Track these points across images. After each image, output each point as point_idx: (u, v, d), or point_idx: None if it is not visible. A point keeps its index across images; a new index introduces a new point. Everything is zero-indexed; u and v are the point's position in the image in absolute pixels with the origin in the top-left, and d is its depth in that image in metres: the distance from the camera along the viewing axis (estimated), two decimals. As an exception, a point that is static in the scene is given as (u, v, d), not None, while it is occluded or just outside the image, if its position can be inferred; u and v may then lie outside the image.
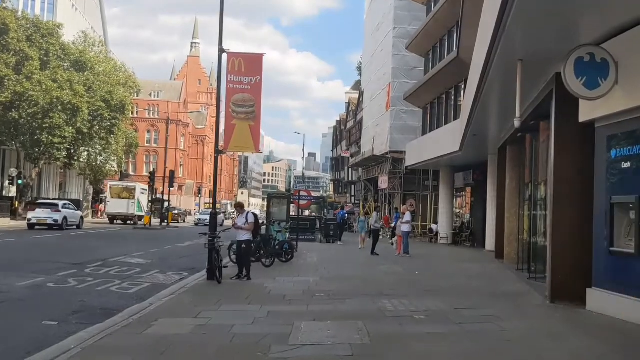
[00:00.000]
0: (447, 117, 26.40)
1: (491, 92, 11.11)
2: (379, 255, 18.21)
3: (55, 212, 27.02)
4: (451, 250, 22.73)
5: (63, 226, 26.76)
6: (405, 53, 33.98)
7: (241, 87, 11.25)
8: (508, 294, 9.96)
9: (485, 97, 11.70)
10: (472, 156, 22.91)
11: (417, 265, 15.21)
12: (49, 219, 26.29)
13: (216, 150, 11.23)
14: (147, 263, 14.78)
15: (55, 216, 26.62)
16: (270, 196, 22.74)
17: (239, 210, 11.42)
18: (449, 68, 23.71)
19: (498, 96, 11.58)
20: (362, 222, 22.52)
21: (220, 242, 11.12)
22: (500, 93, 11.21)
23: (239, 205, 11.35)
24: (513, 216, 15.61)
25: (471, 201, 28.16)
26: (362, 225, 22.25)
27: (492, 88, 10.74)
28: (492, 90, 10.92)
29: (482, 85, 11.08)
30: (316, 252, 19.22)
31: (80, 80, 38.53)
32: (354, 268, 14.28)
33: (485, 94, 11.30)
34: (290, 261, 15.20)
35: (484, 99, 11.87)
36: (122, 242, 22.41)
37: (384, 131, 35.52)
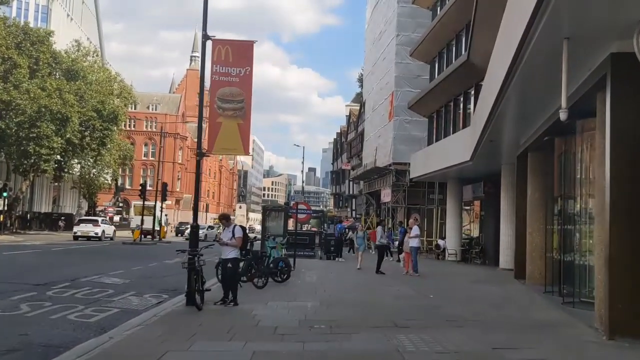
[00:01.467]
0: (456, 126, 24.83)
1: (523, 84, 9.50)
2: (385, 274, 16.49)
3: (96, 226, 33.59)
4: (462, 269, 20.97)
5: (102, 237, 32.76)
6: (408, 61, 32.57)
7: (228, 79, 9.65)
8: (547, 325, 8.25)
9: (514, 92, 10.10)
10: (483, 167, 21.29)
11: (429, 287, 13.48)
12: (90, 232, 32.55)
13: (199, 153, 9.59)
14: (124, 283, 13.05)
15: (96, 229, 32.95)
16: (267, 209, 20.96)
17: (223, 223, 9.73)
18: (458, 73, 22.20)
19: (530, 89, 9.99)
20: (361, 238, 20.04)
21: (201, 261, 9.42)
22: (534, 85, 9.62)
23: (224, 218, 9.67)
24: (536, 231, 13.91)
25: (481, 215, 26.46)
26: (362, 241, 19.82)
27: (525, 79, 9.14)
28: (524, 81, 9.31)
29: (510, 78, 9.48)
30: (315, 271, 17.49)
31: (71, 89, 37.13)
32: (358, 290, 12.55)
33: (514, 87, 9.70)
34: (286, 281, 13.47)
35: (511, 94, 10.27)
36: (105, 258, 20.69)
37: (387, 142, 33.95)
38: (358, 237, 20.04)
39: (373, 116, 39.19)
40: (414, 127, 32.68)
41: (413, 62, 32.45)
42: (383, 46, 35.90)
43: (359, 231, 20.34)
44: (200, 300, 9.34)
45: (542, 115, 11.26)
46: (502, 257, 20.11)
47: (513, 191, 19.72)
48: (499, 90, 10.94)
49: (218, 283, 11.52)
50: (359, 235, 20.04)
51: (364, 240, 19.74)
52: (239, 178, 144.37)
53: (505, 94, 10.56)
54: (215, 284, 11.37)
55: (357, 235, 19.99)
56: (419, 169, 28.02)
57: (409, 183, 32.57)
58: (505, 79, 9.83)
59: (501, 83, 10.25)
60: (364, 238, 19.69)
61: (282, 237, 17.99)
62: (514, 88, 9.82)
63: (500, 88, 10.52)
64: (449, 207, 26.73)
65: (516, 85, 9.63)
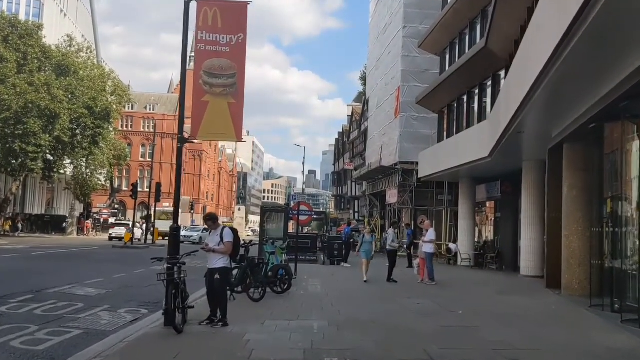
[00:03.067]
0: (470, 121, 23.04)
1: (582, 54, 7.71)
2: (398, 283, 14.68)
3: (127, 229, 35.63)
4: (479, 275, 19.14)
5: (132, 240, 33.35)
6: (416, 54, 30.79)
7: (217, 48, 7.86)
8: (625, 356, 6.44)
9: (567, 67, 8.29)
10: (501, 164, 19.48)
11: (452, 298, 11.66)
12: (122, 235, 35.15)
13: (180, 139, 7.79)
14: (99, 295, 11.25)
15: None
16: (265, 209, 19.07)
17: (209, 225, 7.92)
18: (473, 62, 20.41)
19: (585, 62, 8.19)
20: (369, 242, 15.39)
21: (183, 272, 7.62)
22: (590, 56, 7.82)
23: (210, 218, 7.85)
24: (575, 234, 12.10)
25: (496, 217, 24.63)
26: (369, 247, 15.22)
27: (583, 50, 7.35)
28: (584, 51, 7.52)
29: (562, 48, 7.71)
30: (319, 278, 15.67)
31: (61, 84, 35.32)
32: (372, 304, 10.72)
33: (569, 60, 7.91)
34: (287, 292, 11.67)
35: (562, 70, 8.46)
36: (87, 263, 18.85)
37: (393, 140, 32.14)
38: (366, 241, 15.16)
39: (377, 114, 37.39)
40: (421, 124, 30.88)
41: (420, 55, 30.68)
42: (388, 40, 34.12)
43: (366, 234, 15.40)
44: (181, 320, 7.55)
45: (594, 95, 9.46)
46: (524, 262, 18.29)
47: (537, 190, 17.99)
48: (542, 69, 9.17)
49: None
50: (366, 239, 15.19)
51: (372, 245, 15.66)
52: (239, 180, 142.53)
53: (551, 72, 8.79)
54: (202, 297, 9.56)
55: (363, 238, 15.20)
56: (428, 167, 26.23)
57: (416, 183, 30.80)
58: (555, 51, 8.07)
59: (548, 57, 8.47)
60: (372, 243, 15.58)
61: (282, 240, 16.17)
62: (569, 61, 8.02)
63: (545, 64, 8.73)
64: (462, 208, 24.91)
65: (572, 57, 7.84)
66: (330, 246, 23.57)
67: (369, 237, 15.49)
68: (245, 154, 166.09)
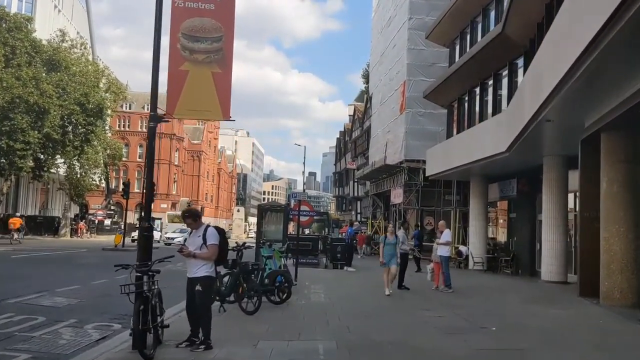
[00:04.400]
0: (483, 114, 21.52)
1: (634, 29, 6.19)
2: (410, 290, 13.15)
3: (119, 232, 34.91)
4: (496, 281, 17.60)
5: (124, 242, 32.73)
6: (422, 47, 29.33)
7: (198, 5, 6.33)
8: None
9: (615, 45, 6.78)
10: (519, 160, 17.99)
11: (477, 309, 10.12)
12: None
13: (152, 117, 6.28)
14: (68, 305, 9.73)
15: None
16: (263, 208, 17.51)
17: (189, 223, 6.37)
18: (488, 50, 18.89)
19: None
20: (392, 245, 12.18)
21: (154, 282, 6.11)
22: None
23: (190, 215, 6.29)
24: (615, 236, 10.56)
25: (509, 218, 23.08)
26: (392, 251, 12.12)
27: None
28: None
29: (608, 26, 6.20)
30: (323, 284, 14.15)
31: (52, 80, 33.82)
32: (386, 317, 9.17)
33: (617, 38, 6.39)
34: (287, 301, 10.14)
35: (611, 49, 6.95)
36: (67, 268, 17.25)
37: (398, 137, 30.64)
38: (388, 243, 12.14)
39: (381, 110, 35.90)
40: (428, 120, 29.39)
41: (427, 48, 29.23)
42: (393, 33, 32.65)
43: (388, 235, 12.36)
44: (153, 341, 6.04)
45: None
46: (545, 267, 16.75)
47: (559, 187, 16.51)
48: (585, 47, 7.69)
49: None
50: (388, 241, 12.17)
51: (395, 248, 12.25)
52: (238, 181, 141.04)
53: (597, 51, 7.30)
54: (183, 311, 8.02)
55: (385, 240, 12.27)
56: (436, 165, 24.70)
57: (422, 183, 29.30)
58: (605, 26, 6.57)
59: (595, 34, 6.99)
60: (395, 245, 12.25)
61: (281, 243, 14.65)
62: (620, 37, 6.51)
63: (590, 41, 7.24)
64: (473, 208, 23.35)
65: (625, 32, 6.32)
66: (333, 249, 22.08)
67: (392, 238, 12.30)
68: (245, 155, 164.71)
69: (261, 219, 16.78)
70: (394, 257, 12.10)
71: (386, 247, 12.16)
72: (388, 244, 12.19)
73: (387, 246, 12.17)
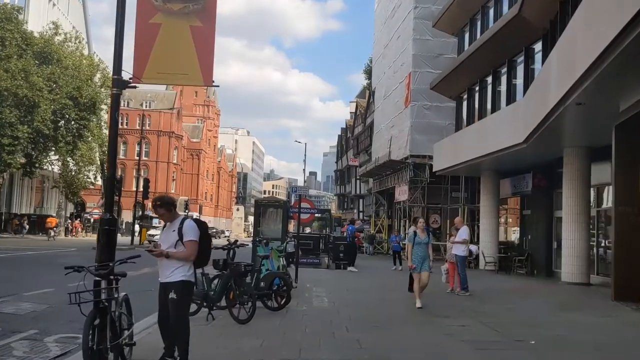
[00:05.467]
0: (495, 104, 20.22)
1: None
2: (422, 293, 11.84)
3: None
4: (513, 282, 16.31)
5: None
6: (428, 37, 28.05)
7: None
8: None
9: None
10: (534, 153, 16.76)
11: (503, 317, 8.84)
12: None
13: (114, 81, 4.99)
14: (33, 312, 8.46)
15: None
16: (261, 204, 16.18)
17: (162, 214, 5.06)
18: (502, 35, 17.59)
19: None
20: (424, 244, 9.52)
21: (117, 290, 4.84)
22: None
23: (163, 204, 4.96)
24: (660, 233, 9.26)
25: (522, 215, 21.78)
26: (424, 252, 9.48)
27: None
28: None
29: None
30: (325, 287, 12.89)
31: (43, 73, 32.54)
32: (401, 326, 7.89)
33: None
34: (286, 307, 8.87)
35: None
36: (45, 268, 15.76)
37: (403, 132, 29.35)
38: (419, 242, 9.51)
39: (385, 105, 34.60)
40: (434, 113, 28.11)
41: (434, 38, 27.95)
42: (397, 23, 31.35)
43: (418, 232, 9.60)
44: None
45: None
46: (566, 267, 15.47)
47: (582, 181, 15.26)
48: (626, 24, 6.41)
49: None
50: (419, 239, 9.51)
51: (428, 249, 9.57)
52: (239, 180, 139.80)
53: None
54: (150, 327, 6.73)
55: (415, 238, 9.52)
56: (444, 160, 23.43)
57: (428, 179, 28.03)
58: None
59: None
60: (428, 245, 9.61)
61: (280, 241, 13.34)
62: None
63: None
64: (484, 205, 22.06)
65: None
66: (335, 248, 20.84)
67: (424, 236, 9.51)
68: (246, 154, 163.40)
69: (259, 215, 15.43)
70: (427, 260, 9.46)
71: (416, 248, 9.45)
72: (419, 243, 9.46)
73: (417, 246, 9.45)
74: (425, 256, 9.45)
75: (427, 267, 9.45)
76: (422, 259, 9.43)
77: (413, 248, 9.43)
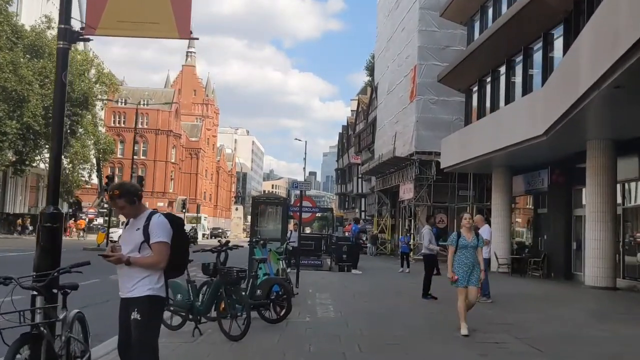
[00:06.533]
0: (509, 96, 18.99)
1: None
2: (438, 299, 10.66)
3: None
4: (531, 287, 15.08)
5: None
6: (435, 28, 26.84)
7: None
8: None
9: None
10: (552, 147, 15.57)
11: (543, 331, 7.61)
12: None
13: (61, 31, 3.76)
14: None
15: None
16: (258, 201, 14.87)
17: (121, 207, 3.81)
18: (518, 21, 16.34)
19: None
20: (472, 248, 7.08)
21: (64, 307, 3.62)
22: None
23: (121, 194, 3.72)
24: None
25: (537, 214, 20.53)
26: (472, 257, 7.05)
27: None
28: None
29: None
30: (330, 292, 11.68)
31: (34, 67, 31.33)
32: (426, 344, 6.66)
33: None
34: (285, 319, 7.63)
35: None
36: (17, 272, 14.66)
37: (408, 128, 28.13)
38: (464, 246, 7.10)
39: (388, 100, 33.37)
40: (441, 108, 26.89)
41: (440, 29, 26.75)
42: (402, 14, 30.11)
43: (463, 232, 7.20)
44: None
45: None
46: (590, 270, 14.26)
47: (608, 177, 14.07)
48: None
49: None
50: (464, 242, 7.11)
51: (477, 254, 7.16)
52: (238, 180, 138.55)
53: None
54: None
55: (458, 241, 7.14)
56: (452, 156, 22.22)
57: (434, 176, 26.81)
58: None
59: None
60: (477, 249, 7.17)
61: (279, 242, 12.12)
62: None
63: None
64: (495, 204, 20.83)
65: None
66: (338, 248, 19.64)
67: (471, 237, 7.12)
68: (245, 153, 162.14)
69: (256, 214, 14.19)
70: (477, 269, 6.99)
71: (460, 254, 7.00)
72: (464, 247, 6.99)
73: (461, 251, 7.00)
74: (474, 264, 7.02)
75: (475, 280, 7.03)
76: (468, 268, 6.98)
77: (455, 253, 7.09)
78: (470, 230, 7.26)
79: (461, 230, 7.25)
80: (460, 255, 7.07)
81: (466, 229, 7.25)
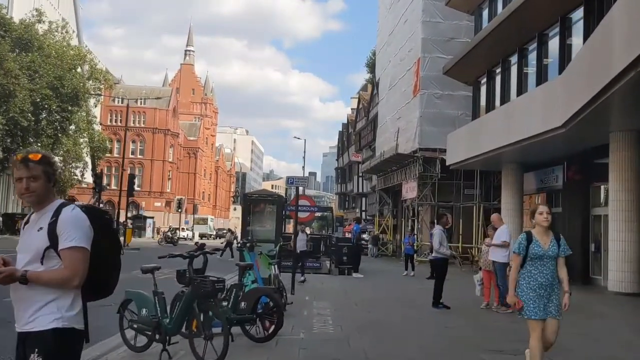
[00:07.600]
0: (522, 87, 17.76)
1: None
2: (451, 309, 9.44)
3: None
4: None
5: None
6: (439, 19, 25.64)
7: None
8: None
9: None
10: (570, 140, 14.34)
11: (582, 351, 6.42)
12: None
13: None
14: None
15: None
16: (250, 198, 13.55)
17: (35, 174, 2.52)
18: (532, 5, 15.08)
19: None
20: (550, 259, 4.66)
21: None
22: None
23: (40, 157, 2.50)
24: None
25: (552, 213, 19.28)
26: (550, 273, 4.64)
27: None
28: None
29: None
30: (328, 299, 10.45)
31: (23, 61, 30.14)
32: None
33: None
34: (275, 335, 6.39)
35: None
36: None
37: (411, 124, 26.90)
38: (538, 254, 4.62)
39: (390, 95, 32.15)
40: (446, 102, 25.67)
41: (445, 20, 25.54)
42: (405, 5, 28.89)
43: (534, 233, 4.72)
44: None
45: None
46: (613, 274, 13.02)
47: (635, 171, 12.78)
48: None
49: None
50: (541, 250, 4.64)
51: (556, 267, 4.72)
52: (237, 180, 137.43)
53: None
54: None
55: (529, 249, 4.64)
56: (459, 152, 20.98)
57: (439, 174, 25.61)
58: None
59: None
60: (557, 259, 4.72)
61: (273, 244, 10.88)
62: None
63: None
64: (505, 202, 19.57)
65: None
66: (338, 250, 18.46)
67: (548, 243, 4.69)
68: (244, 153, 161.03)
69: (248, 213, 12.92)
70: (556, 291, 4.68)
71: (531, 266, 4.66)
72: (538, 257, 4.63)
73: (533, 263, 4.65)
74: (552, 284, 4.62)
75: (555, 308, 4.61)
76: (545, 291, 4.59)
77: (523, 266, 4.69)
78: (547, 232, 4.71)
79: (532, 232, 4.73)
80: (531, 270, 4.62)
81: (542, 229, 4.69)
